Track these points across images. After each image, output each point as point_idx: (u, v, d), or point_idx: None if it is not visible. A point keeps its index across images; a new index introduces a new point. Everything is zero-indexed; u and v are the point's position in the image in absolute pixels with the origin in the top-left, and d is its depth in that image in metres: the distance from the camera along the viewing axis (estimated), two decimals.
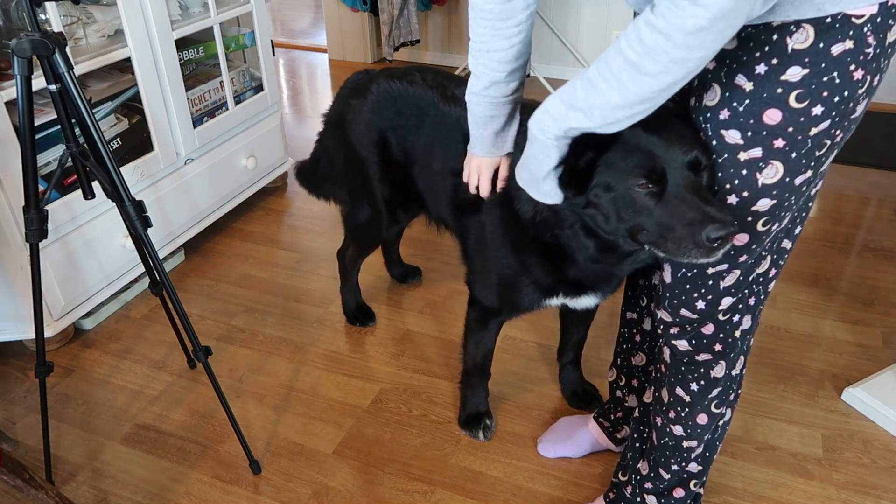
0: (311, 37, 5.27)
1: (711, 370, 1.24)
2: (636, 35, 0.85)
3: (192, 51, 2.49)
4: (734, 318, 1.18)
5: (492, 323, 1.65)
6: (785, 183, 0.99)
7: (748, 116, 0.96)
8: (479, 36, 1.15)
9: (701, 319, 1.17)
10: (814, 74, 0.90)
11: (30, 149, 1.37)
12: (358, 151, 1.77)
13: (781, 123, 0.94)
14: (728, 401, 1.31)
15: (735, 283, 1.12)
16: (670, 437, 1.34)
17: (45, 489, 1.41)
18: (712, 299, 1.14)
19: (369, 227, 1.93)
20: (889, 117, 3.51)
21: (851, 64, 0.89)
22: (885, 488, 1.63)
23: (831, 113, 0.93)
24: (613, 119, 0.95)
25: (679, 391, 1.28)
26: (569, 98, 0.98)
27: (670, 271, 1.16)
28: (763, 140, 0.96)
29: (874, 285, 2.32)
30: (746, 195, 1.01)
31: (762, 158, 0.98)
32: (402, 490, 1.65)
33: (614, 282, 1.44)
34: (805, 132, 0.94)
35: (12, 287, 1.96)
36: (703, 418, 1.30)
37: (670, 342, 1.24)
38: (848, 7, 0.86)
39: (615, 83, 0.90)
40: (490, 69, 1.18)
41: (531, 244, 1.37)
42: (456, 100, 1.59)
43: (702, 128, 1.03)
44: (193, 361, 2.04)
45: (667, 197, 1.04)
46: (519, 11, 1.11)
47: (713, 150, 1.02)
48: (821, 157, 0.98)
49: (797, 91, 0.92)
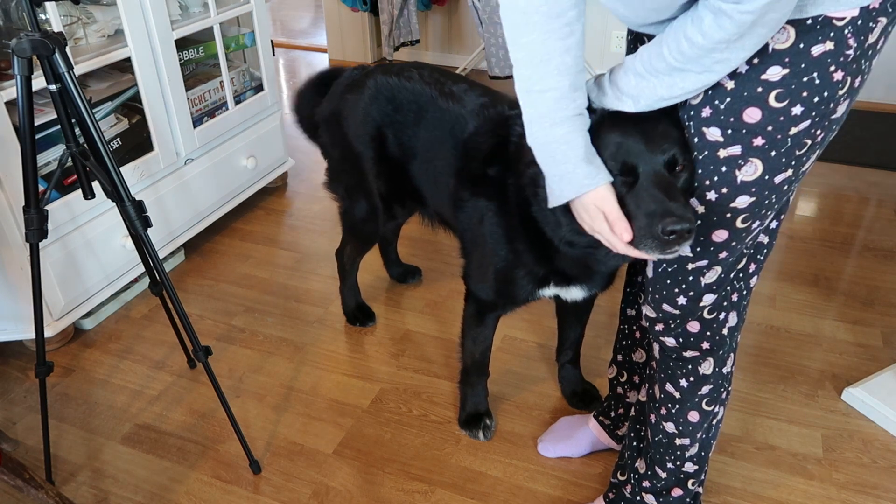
0: (311, 37, 5.28)
1: (699, 367, 1.25)
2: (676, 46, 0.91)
3: (192, 51, 2.49)
4: (720, 316, 1.19)
5: (488, 317, 1.65)
6: (764, 181, 1.00)
7: (728, 114, 0.97)
8: (527, 46, 0.98)
9: (683, 316, 1.18)
10: (794, 74, 0.91)
11: (30, 149, 1.37)
12: (354, 146, 1.77)
13: (761, 122, 0.95)
14: (720, 399, 1.32)
15: (717, 281, 1.13)
16: (663, 434, 1.35)
17: (45, 489, 1.41)
18: (693, 295, 1.15)
19: (366, 223, 1.93)
20: (889, 117, 3.51)
21: (832, 65, 0.90)
22: (885, 488, 1.63)
23: (811, 113, 0.94)
24: (657, 105, 1.00)
25: (669, 387, 1.29)
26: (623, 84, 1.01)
27: (652, 266, 1.17)
28: (742, 138, 0.97)
29: (874, 285, 2.32)
30: (725, 192, 1.02)
31: (741, 156, 0.99)
32: (402, 490, 1.65)
33: (597, 277, 1.45)
34: (785, 131, 0.95)
35: (12, 287, 1.96)
36: (695, 415, 1.30)
37: (658, 338, 1.26)
38: (829, 9, 0.87)
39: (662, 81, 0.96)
40: (550, 85, 1.00)
41: (523, 233, 1.39)
42: (454, 95, 1.59)
43: (686, 125, 1.04)
44: (193, 361, 2.04)
45: (635, 190, 1.05)
46: (569, 8, 0.96)
47: (694, 147, 1.03)
48: (801, 157, 0.99)
49: (777, 90, 0.93)
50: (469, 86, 1.62)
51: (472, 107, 1.56)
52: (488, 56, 3.80)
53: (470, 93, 1.59)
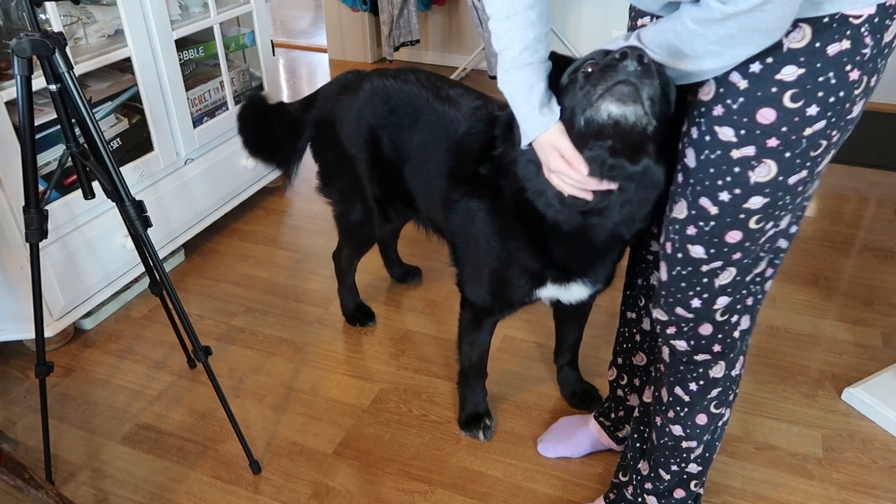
0: (311, 37, 5.28)
1: (710, 370, 1.23)
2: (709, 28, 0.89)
3: (193, 51, 2.49)
4: (732, 319, 1.18)
5: (485, 323, 1.65)
6: (778, 182, 0.99)
7: (742, 114, 0.96)
8: (497, 2, 1.10)
9: (697, 319, 1.17)
10: (809, 74, 0.90)
11: (30, 149, 1.37)
12: (347, 149, 1.76)
13: (775, 123, 0.94)
14: (727, 401, 1.31)
15: (731, 283, 1.12)
16: (669, 437, 1.34)
17: (45, 489, 1.41)
18: (708, 298, 1.14)
19: (362, 226, 1.92)
20: (889, 117, 3.51)
21: (848, 64, 0.89)
22: (885, 488, 1.63)
23: (827, 113, 0.92)
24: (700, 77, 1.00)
25: (678, 391, 1.28)
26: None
27: (666, 269, 1.16)
28: (756, 139, 0.96)
29: (874, 285, 2.32)
30: (738, 192, 1.01)
31: (755, 157, 0.98)
32: (402, 490, 1.65)
33: (599, 268, 1.42)
34: (799, 132, 0.94)
35: (12, 287, 1.96)
36: (703, 419, 1.30)
37: (669, 342, 1.24)
38: (846, 7, 0.86)
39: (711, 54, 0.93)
40: (518, 36, 1.11)
41: (516, 228, 1.38)
42: (450, 99, 1.59)
43: (696, 122, 1.03)
44: (193, 361, 2.04)
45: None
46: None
47: (706, 146, 1.02)
48: (816, 158, 0.98)
49: (792, 91, 0.92)
50: (465, 90, 1.62)
51: (466, 110, 1.56)
52: (488, 56, 3.80)
53: (466, 97, 1.59)
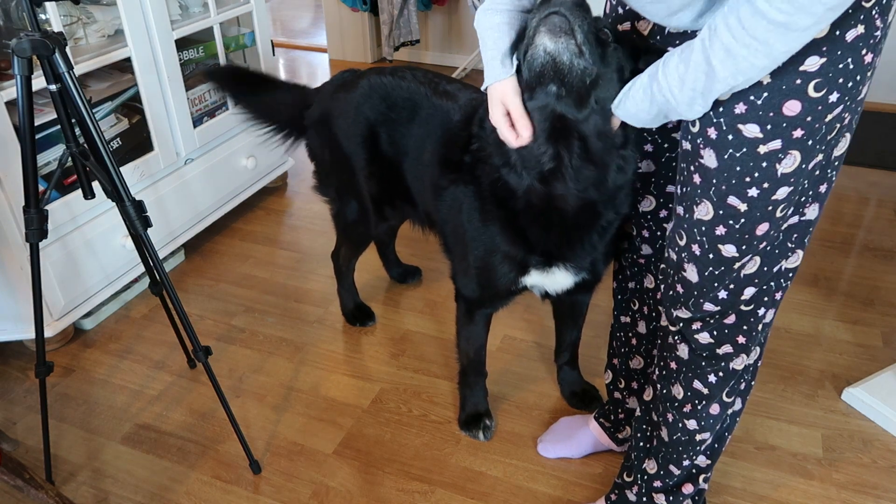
0: (311, 37, 5.28)
1: (731, 362, 1.23)
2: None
3: (193, 51, 2.49)
4: (759, 311, 1.18)
5: (478, 315, 1.65)
6: (801, 169, 1.00)
7: (767, 109, 0.96)
8: None
9: (723, 311, 1.17)
10: (831, 62, 0.91)
11: (30, 149, 1.37)
12: (344, 146, 1.76)
13: (801, 114, 0.95)
14: (738, 390, 1.31)
15: (757, 272, 1.12)
16: (683, 432, 1.33)
17: (45, 489, 1.41)
18: (734, 289, 1.14)
19: (358, 225, 1.92)
20: (889, 117, 3.51)
21: (863, 48, 0.91)
22: (885, 488, 1.63)
23: (844, 98, 0.94)
24: (756, 79, 0.93)
25: (697, 384, 1.27)
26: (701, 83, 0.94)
27: (696, 271, 1.14)
28: (783, 132, 0.96)
29: (874, 285, 2.32)
30: (767, 186, 1.02)
31: (782, 149, 0.98)
32: (402, 490, 1.65)
33: (579, 251, 1.41)
34: (822, 120, 0.95)
35: (12, 287, 1.96)
36: (716, 408, 1.29)
37: (692, 337, 1.23)
38: None
39: (761, 47, 0.86)
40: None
41: (494, 213, 1.40)
42: (448, 94, 1.60)
43: (714, 122, 1.02)
44: (193, 361, 2.04)
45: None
46: None
47: (729, 145, 1.01)
48: (831, 141, 1.00)
49: (816, 80, 0.92)
50: (463, 85, 1.64)
51: (462, 101, 1.58)
52: None
53: (464, 91, 1.61)
